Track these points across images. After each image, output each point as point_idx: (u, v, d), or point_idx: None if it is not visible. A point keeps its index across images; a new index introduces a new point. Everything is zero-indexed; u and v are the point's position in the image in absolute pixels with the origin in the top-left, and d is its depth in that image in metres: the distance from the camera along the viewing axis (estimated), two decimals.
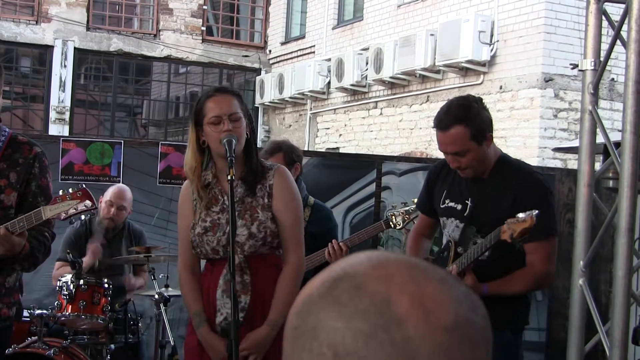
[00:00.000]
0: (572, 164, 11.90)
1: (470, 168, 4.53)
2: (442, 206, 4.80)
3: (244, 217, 4.31)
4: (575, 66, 4.70)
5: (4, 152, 4.36)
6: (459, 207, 4.69)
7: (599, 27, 4.53)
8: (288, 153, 5.97)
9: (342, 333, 1.10)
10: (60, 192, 4.14)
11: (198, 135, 4.34)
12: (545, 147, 12.63)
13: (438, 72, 14.79)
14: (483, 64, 13.71)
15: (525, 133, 12.94)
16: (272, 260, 4.41)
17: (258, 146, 4.79)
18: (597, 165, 4.84)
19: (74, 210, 4.08)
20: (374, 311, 1.10)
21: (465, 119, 4.41)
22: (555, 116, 12.85)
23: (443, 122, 4.45)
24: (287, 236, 4.38)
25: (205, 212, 4.38)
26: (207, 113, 4.27)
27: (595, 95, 4.50)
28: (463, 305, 1.14)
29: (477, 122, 4.45)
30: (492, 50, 13.58)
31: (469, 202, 4.65)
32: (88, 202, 4.11)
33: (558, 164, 12.38)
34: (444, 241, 4.83)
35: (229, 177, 4.04)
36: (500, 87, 13.47)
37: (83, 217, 5.97)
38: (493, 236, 4.25)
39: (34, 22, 19.88)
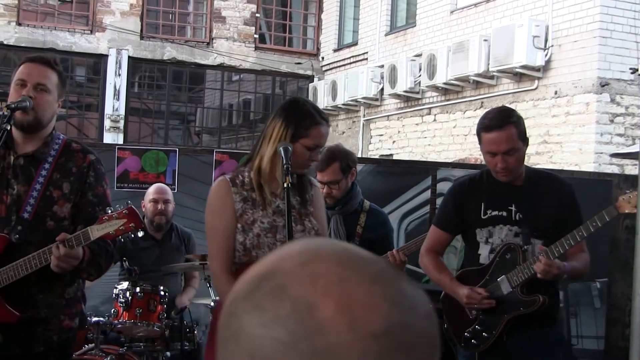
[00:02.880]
0: (630, 169, 11.77)
1: (515, 169, 4.79)
2: (483, 217, 4.97)
3: (302, 223, 4.33)
4: (635, 70, 4.71)
5: (58, 161, 4.34)
6: (504, 213, 4.92)
7: None
8: (344, 160, 5.94)
9: (262, 342, 1.02)
10: (109, 211, 4.11)
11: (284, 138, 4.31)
12: (601, 153, 12.48)
13: (492, 77, 14.69)
14: (537, 69, 13.58)
15: (580, 138, 12.80)
16: None
17: None
18: None
19: (122, 229, 4.05)
20: (295, 318, 1.01)
21: (513, 120, 4.77)
22: (612, 121, 12.69)
23: (496, 121, 4.75)
24: None
25: (262, 212, 4.32)
26: (311, 137, 4.29)
27: None
28: (399, 307, 1.04)
29: (522, 124, 4.82)
30: (546, 55, 13.44)
31: (513, 208, 4.89)
32: (134, 222, 4.08)
33: (615, 169, 12.23)
34: (487, 248, 5.00)
35: (285, 185, 4.04)
36: (555, 93, 13.34)
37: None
38: (607, 215, 4.57)
39: (89, 32, 20.05)
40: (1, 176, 4.23)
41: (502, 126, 4.69)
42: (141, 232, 4.26)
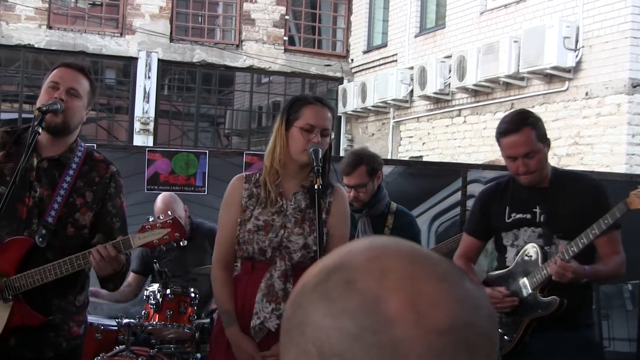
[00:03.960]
0: None
1: (537, 172, 4.78)
2: (508, 220, 4.99)
3: (302, 226, 4.30)
4: None
5: (81, 169, 4.38)
6: (529, 216, 4.92)
7: None
8: (370, 164, 5.92)
9: (328, 332, 1.04)
10: (151, 219, 4.13)
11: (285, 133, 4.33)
12: (633, 154, 12.40)
13: (522, 79, 14.62)
14: (568, 70, 13.50)
15: (612, 140, 12.71)
16: None
17: (340, 155, 4.77)
18: None
19: (166, 239, 4.07)
20: (363, 310, 1.03)
21: (530, 122, 4.77)
22: None
23: (512, 125, 4.77)
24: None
25: (260, 210, 4.33)
26: (302, 118, 4.27)
27: None
28: (464, 305, 1.06)
29: (540, 125, 4.81)
30: (577, 56, 13.36)
31: (537, 210, 4.89)
32: (178, 232, 4.11)
33: None
34: (513, 251, 5.00)
35: (316, 187, 4.03)
36: (586, 94, 13.26)
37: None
38: (618, 211, 4.53)
39: (119, 35, 20.14)
40: (24, 178, 4.21)
41: (519, 129, 4.70)
42: (185, 241, 4.31)
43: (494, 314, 1.11)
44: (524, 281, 4.82)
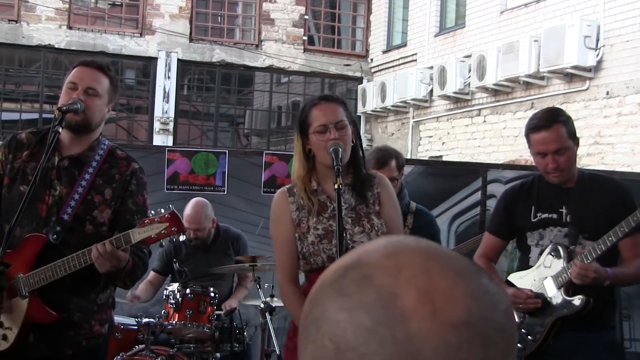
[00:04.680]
0: None
1: (566, 170, 4.75)
2: (533, 220, 4.95)
3: (361, 224, 4.25)
4: None
5: (102, 167, 4.38)
6: (554, 216, 4.89)
7: None
8: (398, 158, 5.95)
9: (344, 326, 1.04)
10: (152, 213, 4.13)
11: (304, 144, 4.29)
12: None
13: (542, 78, 14.57)
14: (589, 70, 13.44)
15: (633, 139, 12.64)
16: None
17: None
18: None
19: (164, 233, 4.06)
20: (378, 305, 1.03)
21: (561, 119, 4.75)
22: None
23: (544, 121, 4.74)
24: None
25: (316, 219, 4.28)
26: (313, 122, 4.22)
27: None
28: (480, 300, 1.06)
29: (570, 123, 4.79)
30: (598, 55, 13.30)
31: (563, 210, 4.85)
32: (176, 227, 4.09)
33: None
34: (537, 251, 4.96)
35: (336, 186, 4.00)
36: (607, 93, 13.19)
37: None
38: (632, 218, 4.50)
39: (138, 35, 20.20)
40: (45, 177, 4.25)
41: (550, 125, 4.67)
42: (183, 236, 4.27)
43: (511, 310, 1.11)
44: (549, 280, 4.79)
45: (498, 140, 15.85)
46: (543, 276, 4.84)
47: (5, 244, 3.98)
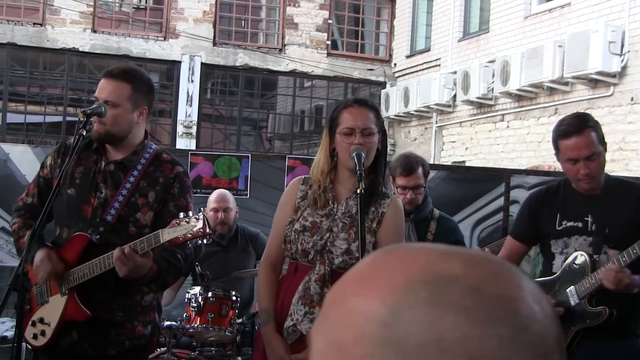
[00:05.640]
0: None
1: (597, 176, 4.72)
2: (559, 228, 4.89)
3: (348, 231, 4.24)
4: None
5: (146, 170, 4.48)
6: (580, 224, 4.82)
7: None
8: (424, 166, 5.98)
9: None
10: (181, 215, 4.15)
11: (331, 142, 4.32)
12: None
13: (566, 84, 14.50)
14: (613, 75, 13.37)
15: None
16: None
17: None
18: None
19: (190, 235, 4.08)
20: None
21: (591, 124, 4.68)
22: None
23: (574, 127, 4.65)
24: None
25: (310, 211, 4.31)
26: (341, 123, 4.25)
27: None
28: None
29: (599, 128, 4.74)
30: (622, 61, 13.23)
31: (589, 219, 4.77)
32: (204, 228, 4.10)
33: None
34: (562, 259, 4.89)
35: (358, 191, 4.00)
36: (632, 99, 13.12)
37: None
38: None
39: (162, 38, 20.25)
40: (92, 180, 4.42)
41: (581, 131, 4.60)
42: (210, 238, 4.31)
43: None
44: (572, 289, 4.73)
45: (521, 145, 15.79)
46: (566, 284, 4.79)
47: (30, 244, 4.11)
